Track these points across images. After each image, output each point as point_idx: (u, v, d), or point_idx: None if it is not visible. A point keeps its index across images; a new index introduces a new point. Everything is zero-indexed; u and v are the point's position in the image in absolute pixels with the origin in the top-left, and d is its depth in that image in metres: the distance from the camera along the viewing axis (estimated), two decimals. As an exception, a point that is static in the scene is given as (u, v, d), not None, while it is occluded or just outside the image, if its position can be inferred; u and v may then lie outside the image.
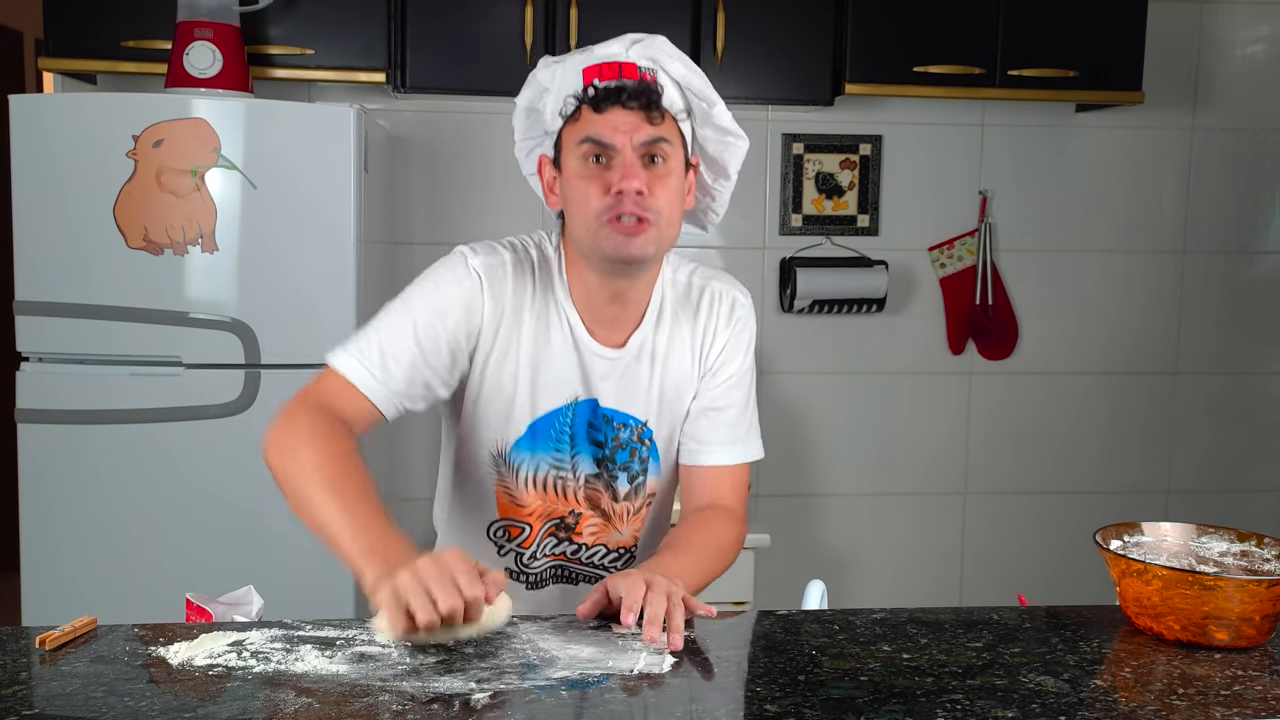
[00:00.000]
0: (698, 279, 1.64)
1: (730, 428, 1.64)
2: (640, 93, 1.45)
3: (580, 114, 1.47)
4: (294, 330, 2.69)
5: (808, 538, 3.51)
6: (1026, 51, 3.12)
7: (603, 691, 1.20)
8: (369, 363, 1.48)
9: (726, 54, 3.03)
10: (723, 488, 1.64)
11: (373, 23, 2.94)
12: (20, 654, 1.28)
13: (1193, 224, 3.57)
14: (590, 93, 1.46)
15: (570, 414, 1.58)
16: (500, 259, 1.55)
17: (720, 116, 1.53)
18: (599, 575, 1.66)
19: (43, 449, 2.66)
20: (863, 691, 1.21)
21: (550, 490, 1.60)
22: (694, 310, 1.62)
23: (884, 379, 3.50)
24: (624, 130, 1.45)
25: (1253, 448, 3.66)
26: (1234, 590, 1.32)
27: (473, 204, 3.30)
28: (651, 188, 1.46)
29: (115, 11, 2.85)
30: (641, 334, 1.59)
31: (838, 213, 3.42)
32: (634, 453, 1.61)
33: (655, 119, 1.46)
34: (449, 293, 1.51)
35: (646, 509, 1.67)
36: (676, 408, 1.63)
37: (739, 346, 1.64)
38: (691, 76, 1.51)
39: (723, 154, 1.58)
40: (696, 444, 1.64)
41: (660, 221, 1.47)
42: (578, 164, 1.48)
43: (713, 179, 1.61)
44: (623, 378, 1.59)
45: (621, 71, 1.46)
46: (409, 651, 1.28)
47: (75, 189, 2.61)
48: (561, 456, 1.59)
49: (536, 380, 1.56)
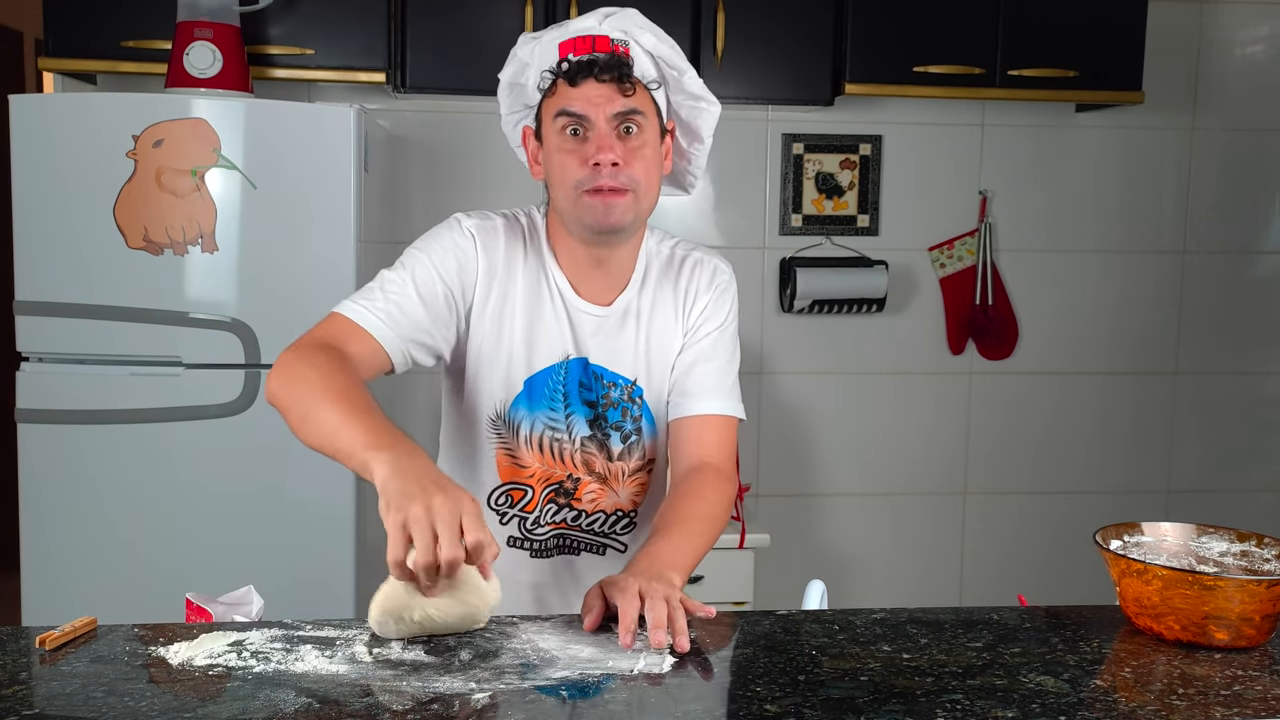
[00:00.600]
0: (680, 249, 1.71)
1: (714, 380, 1.67)
2: (612, 65, 1.50)
3: (556, 88, 1.53)
4: (294, 330, 2.65)
5: (808, 538, 3.51)
6: (1026, 51, 3.12)
7: (603, 692, 1.20)
8: (376, 310, 1.52)
9: (726, 54, 3.03)
10: (708, 441, 1.65)
11: (373, 23, 2.94)
12: (20, 654, 1.28)
13: (1193, 224, 3.57)
14: (564, 67, 1.52)
15: (563, 372, 1.62)
16: (493, 223, 1.63)
17: (690, 83, 1.59)
18: (601, 543, 1.69)
19: (43, 449, 2.66)
20: (863, 691, 1.21)
21: (548, 452, 1.63)
22: (676, 274, 1.68)
23: (884, 379, 3.50)
24: (597, 102, 1.51)
25: (1253, 448, 3.66)
26: (1234, 590, 1.32)
27: (472, 204, 3.26)
28: (627, 158, 1.52)
29: (115, 11, 2.85)
30: (627, 295, 1.65)
31: (838, 213, 3.42)
32: (625, 412, 1.65)
33: (628, 90, 1.51)
34: (444, 250, 1.58)
35: (644, 473, 1.69)
36: (663, 368, 1.67)
37: (720, 306, 1.69)
38: (662, 46, 1.56)
39: (695, 119, 1.64)
40: (681, 397, 1.67)
41: (638, 190, 1.54)
42: (556, 137, 1.54)
43: (688, 143, 1.67)
44: (610, 336, 1.64)
45: (594, 45, 1.52)
46: (409, 652, 1.28)
47: (75, 189, 2.61)
48: (556, 416, 1.62)
49: (530, 338, 1.61)
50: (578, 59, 1.51)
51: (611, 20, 1.55)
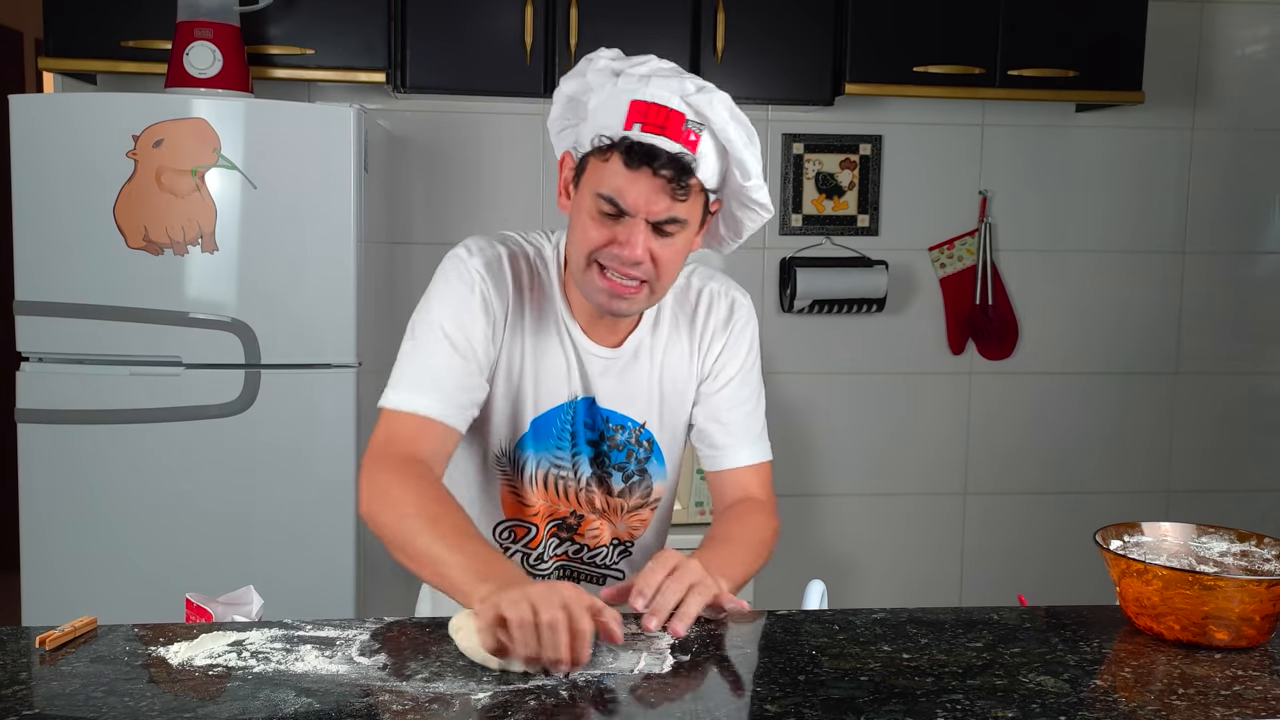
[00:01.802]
0: (696, 280, 1.64)
1: (742, 428, 1.65)
2: (673, 163, 1.40)
3: (610, 157, 1.43)
4: (294, 330, 2.69)
5: (808, 538, 3.51)
6: (1026, 51, 3.12)
7: (603, 691, 1.20)
8: (425, 389, 1.47)
9: (726, 54, 3.03)
10: (750, 486, 1.65)
11: (373, 23, 2.94)
12: (20, 654, 1.28)
13: (1193, 224, 3.57)
14: (625, 142, 1.41)
15: (570, 412, 1.59)
16: (497, 253, 1.54)
17: (755, 190, 1.49)
18: (603, 575, 1.67)
19: (43, 449, 2.66)
20: (863, 691, 1.21)
21: (553, 490, 1.61)
22: (691, 312, 1.63)
23: (884, 379, 3.50)
24: (644, 199, 1.41)
25: (1253, 448, 3.66)
26: (1234, 590, 1.32)
27: (472, 204, 3.30)
28: (655, 254, 1.45)
29: (115, 11, 2.85)
30: (639, 335, 1.60)
31: (838, 213, 3.42)
32: (630, 454, 1.62)
33: (679, 195, 1.42)
34: (463, 299, 1.50)
35: (647, 510, 1.67)
36: (676, 409, 1.64)
37: (739, 347, 1.65)
38: (737, 144, 1.44)
39: (744, 218, 1.55)
40: (714, 449, 1.65)
41: (655, 285, 1.48)
42: (590, 201, 1.45)
43: (725, 230, 1.60)
44: (620, 377, 1.59)
45: (666, 126, 1.39)
46: (408, 653, 1.28)
47: (75, 189, 2.61)
48: (563, 456, 1.59)
49: (538, 378, 1.56)
50: (642, 140, 1.39)
51: (696, 98, 1.41)
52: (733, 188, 1.50)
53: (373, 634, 1.34)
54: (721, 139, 1.43)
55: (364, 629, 1.35)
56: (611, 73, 1.47)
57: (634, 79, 1.43)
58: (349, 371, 2.72)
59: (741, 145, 1.44)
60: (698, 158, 1.41)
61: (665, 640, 1.34)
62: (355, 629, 1.35)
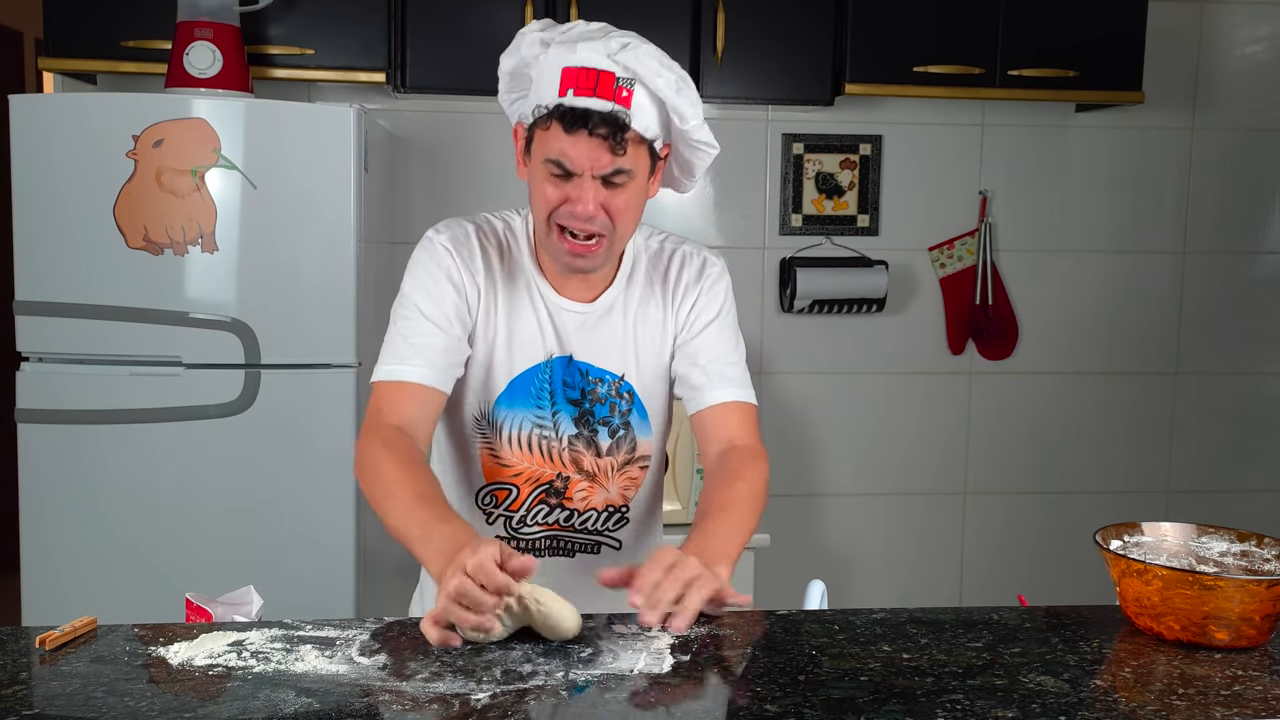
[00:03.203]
0: (669, 244, 1.71)
1: (721, 370, 1.67)
2: (608, 119, 1.46)
3: (550, 125, 1.49)
4: (294, 330, 2.69)
5: (808, 538, 3.51)
6: (1026, 51, 3.12)
7: (603, 691, 1.20)
8: (405, 358, 1.56)
9: (726, 54, 3.03)
10: (731, 425, 1.67)
11: (373, 23, 2.94)
12: (20, 654, 1.28)
13: (1193, 224, 3.57)
14: (559, 109, 1.48)
15: (547, 371, 1.63)
16: (464, 229, 1.63)
17: (695, 131, 1.55)
18: (595, 542, 1.69)
19: (43, 449, 2.66)
20: (863, 691, 1.21)
21: (536, 450, 1.64)
22: (665, 269, 1.69)
23: (884, 379, 3.50)
24: (585, 158, 1.48)
25: (1253, 448, 3.66)
26: (1234, 590, 1.32)
27: (472, 204, 3.29)
28: (607, 206, 1.51)
29: (115, 11, 2.85)
30: (613, 292, 1.65)
31: (838, 213, 3.42)
32: (614, 407, 1.66)
33: (619, 149, 1.48)
34: (432, 275, 1.59)
35: (638, 469, 1.69)
36: (654, 362, 1.68)
37: (713, 298, 1.69)
38: (669, 91, 1.49)
39: (692, 158, 1.62)
40: (694, 390, 1.68)
41: (612, 235, 1.54)
42: (542, 167, 1.52)
43: (679, 171, 1.66)
44: (595, 331, 1.64)
45: (597, 84, 1.46)
46: (408, 653, 1.28)
47: (75, 189, 2.61)
48: (543, 413, 1.63)
49: (511, 340, 1.62)
50: (574, 103, 1.46)
51: (623, 55, 1.48)
52: (676, 132, 1.56)
53: (373, 634, 1.34)
54: (653, 89, 1.49)
55: (364, 629, 1.35)
56: (541, 43, 1.55)
57: (563, 47, 1.50)
58: (349, 371, 2.72)
59: (673, 91, 1.49)
60: (631, 112, 1.47)
61: (665, 640, 1.34)
62: (355, 629, 1.35)
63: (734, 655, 1.34)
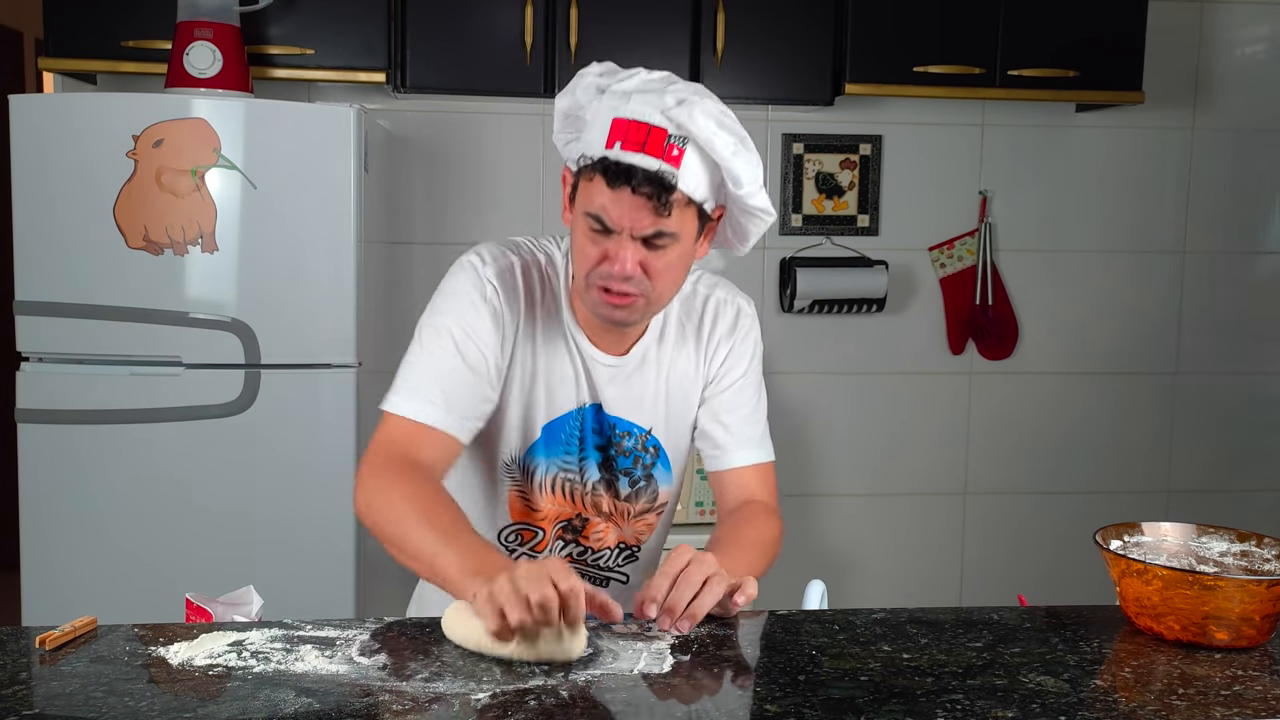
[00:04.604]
0: (702, 288, 1.65)
1: (743, 430, 1.66)
2: (653, 178, 1.38)
3: (594, 177, 1.42)
4: (294, 330, 2.69)
5: (808, 538, 3.51)
6: (1026, 51, 3.12)
7: (603, 691, 1.20)
8: (431, 397, 1.47)
9: (726, 54, 3.03)
10: (750, 486, 1.66)
11: (373, 23, 2.94)
12: (20, 654, 1.28)
13: (1193, 224, 3.57)
14: (605, 163, 1.40)
15: (579, 419, 1.60)
16: (509, 263, 1.55)
17: (750, 197, 1.45)
18: (605, 578, 1.68)
19: (43, 449, 2.66)
20: (863, 691, 1.21)
21: (560, 493, 1.62)
22: (698, 321, 1.64)
23: (884, 379, 3.50)
24: (627, 217, 1.41)
25: (1253, 448, 3.66)
26: (1234, 590, 1.32)
27: (472, 204, 3.29)
28: (647, 266, 1.44)
29: (115, 11, 2.85)
30: (645, 344, 1.61)
31: (838, 213, 3.42)
32: (638, 460, 1.63)
33: (663, 210, 1.40)
34: (475, 307, 1.51)
35: (653, 514, 1.68)
36: (682, 415, 1.65)
37: (744, 353, 1.66)
38: (725, 153, 1.40)
39: (747, 224, 1.53)
40: (716, 450, 1.65)
41: (650, 296, 1.47)
42: (583, 220, 1.45)
43: (732, 234, 1.57)
44: (627, 384, 1.60)
45: (647, 141, 1.38)
46: (408, 653, 1.28)
47: (75, 189, 2.61)
48: (570, 460, 1.61)
49: (549, 385, 1.57)
50: (620, 157, 1.38)
51: (678, 111, 1.38)
52: (730, 195, 1.47)
53: (373, 634, 1.34)
54: (707, 149, 1.40)
55: (364, 629, 1.35)
56: (598, 89, 1.46)
57: (617, 95, 1.42)
58: (349, 371, 2.72)
59: (729, 154, 1.40)
60: (679, 172, 1.39)
61: (665, 640, 1.34)
62: (355, 629, 1.35)
63: (734, 655, 1.33)
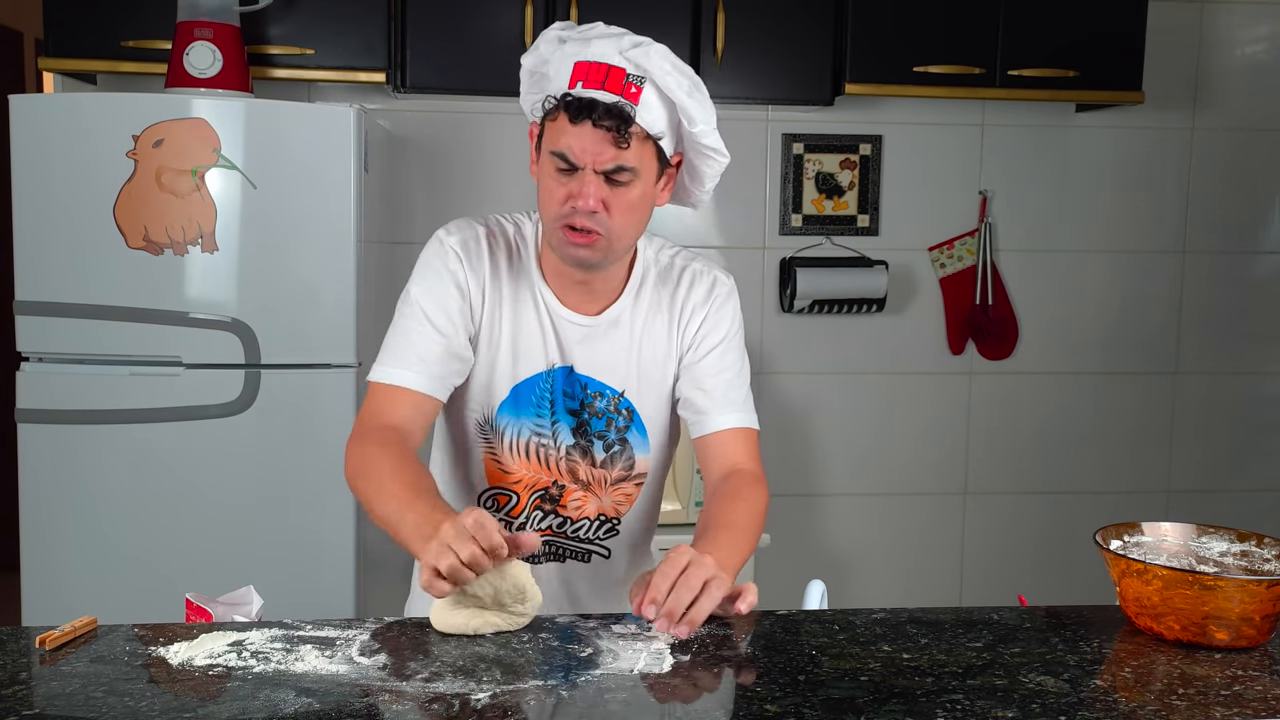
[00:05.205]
0: (680, 259, 1.69)
1: (725, 394, 1.67)
2: (613, 112, 1.45)
3: (558, 116, 1.49)
4: (294, 330, 2.69)
5: (808, 538, 3.51)
6: (1026, 51, 3.12)
7: (603, 691, 1.20)
8: (405, 362, 1.56)
9: (726, 54, 3.03)
10: (734, 451, 1.67)
11: (373, 23, 2.94)
12: (20, 654, 1.28)
13: (1193, 224, 3.57)
14: (568, 99, 1.48)
15: (549, 380, 1.63)
16: (474, 232, 1.63)
17: (704, 135, 1.53)
18: (587, 551, 1.69)
19: (43, 449, 2.66)
20: (863, 691, 1.21)
21: (534, 458, 1.64)
22: (674, 286, 1.67)
23: (884, 379, 3.50)
24: (588, 151, 1.47)
25: (1253, 448, 3.66)
26: (1234, 590, 1.32)
27: (473, 204, 3.29)
28: (609, 203, 1.49)
29: (115, 11, 2.85)
30: (619, 306, 1.64)
31: (838, 213, 3.42)
32: (610, 422, 1.65)
33: (622, 143, 1.47)
34: (438, 275, 1.59)
35: (631, 484, 1.69)
36: (657, 382, 1.67)
37: (721, 319, 1.67)
38: (680, 93, 1.49)
39: (702, 165, 1.59)
40: (698, 414, 1.67)
41: (612, 235, 1.51)
42: (548, 163, 1.52)
43: (690, 180, 1.63)
44: (597, 345, 1.63)
45: (606, 78, 1.46)
46: (408, 653, 1.28)
47: (75, 189, 2.61)
48: (543, 423, 1.63)
49: (516, 346, 1.61)
50: (582, 94, 1.46)
51: (634, 53, 1.48)
52: (686, 137, 1.54)
53: (373, 634, 1.34)
54: (663, 88, 1.47)
55: (364, 629, 1.35)
56: (559, 40, 1.54)
57: (578, 42, 1.51)
58: (349, 371, 2.72)
59: (684, 92, 1.49)
60: (638, 107, 1.47)
61: (665, 640, 1.34)
62: (355, 629, 1.35)
63: (734, 655, 1.34)
